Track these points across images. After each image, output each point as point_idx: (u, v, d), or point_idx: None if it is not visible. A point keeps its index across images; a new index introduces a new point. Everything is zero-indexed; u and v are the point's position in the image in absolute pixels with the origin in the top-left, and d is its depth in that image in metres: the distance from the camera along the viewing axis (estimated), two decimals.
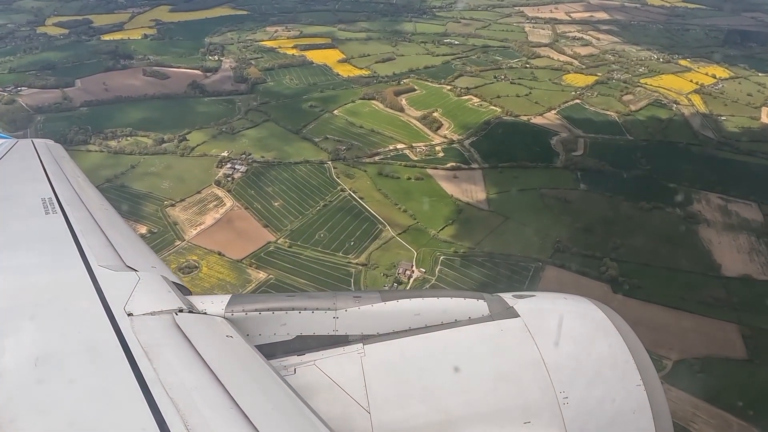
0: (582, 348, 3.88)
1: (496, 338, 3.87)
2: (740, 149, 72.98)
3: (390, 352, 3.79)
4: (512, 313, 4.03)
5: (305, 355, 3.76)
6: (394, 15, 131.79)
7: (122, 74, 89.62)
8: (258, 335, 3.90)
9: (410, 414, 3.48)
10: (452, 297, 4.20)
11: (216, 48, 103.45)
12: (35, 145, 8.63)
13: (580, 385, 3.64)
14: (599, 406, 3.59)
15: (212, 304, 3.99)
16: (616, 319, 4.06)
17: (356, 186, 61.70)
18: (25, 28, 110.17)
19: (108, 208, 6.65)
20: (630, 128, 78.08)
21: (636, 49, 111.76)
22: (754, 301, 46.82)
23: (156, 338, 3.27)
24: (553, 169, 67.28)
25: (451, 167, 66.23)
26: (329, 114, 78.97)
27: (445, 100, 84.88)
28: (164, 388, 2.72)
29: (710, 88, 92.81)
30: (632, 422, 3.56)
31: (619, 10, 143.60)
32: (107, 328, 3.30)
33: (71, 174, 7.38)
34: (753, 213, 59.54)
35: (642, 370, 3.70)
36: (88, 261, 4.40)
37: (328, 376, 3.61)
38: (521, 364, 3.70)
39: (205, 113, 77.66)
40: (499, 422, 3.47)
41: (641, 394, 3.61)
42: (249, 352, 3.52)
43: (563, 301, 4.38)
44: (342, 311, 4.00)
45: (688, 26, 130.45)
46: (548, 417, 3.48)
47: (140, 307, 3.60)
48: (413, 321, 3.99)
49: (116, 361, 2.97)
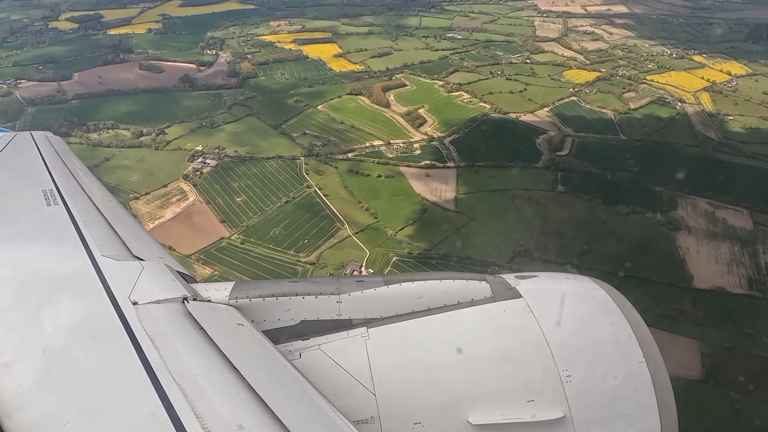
0: (584, 326, 3.89)
1: (499, 319, 3.90)
2: (742, 151, 68.08)
3: (394, 335, 3.81)
4: (514, 293, 4.04)
5: (310, 339, 3.78)
6: (401, 9, 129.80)
7: (118, 68, 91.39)
8: (262, 321, 3.92)
9: (415, 395, 3.50)
10: (454, 279, 4.20)
11: (215, 42, 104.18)
12: (34, 138, 8.58)
13: (583, 362, 3.64)
14: (601, 383, 3.58)
15: (216, 291, 4.03)
16: (618, 298, 4.06)
17: (324, 183, 60.75)
18: (39, 23, 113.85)
19: (110, 198, 6.64)
20: (625, 127, 74.11)
21: (649, 44, 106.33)
22: (721, 317, 43.53)
23: (161, 326, 3.28)
24: (533, 169, 64.45)
25: (424, 165, 64.40)
26: (313, 109, 78.20)
27: (434, 96, 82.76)
28: (171, 374, 2.72)
29: (722, 86, 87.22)
30: (634, 398, 3.55)
31: (639, 3, 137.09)
32: (113, 317, 3.31)
33: (72, 165, 7.36)
34: (742, 220, 55.39)
35: (644, 347, 3.69)
36: (91, 251, 4.38)
37: (333, 359, 3.64)
38: (524, 344, 3.70)
39: (190, 107, 78.18)
40: (503, 401, 3.49)
41: (643, 371, 3.60)
42: (256, 337, 3.53)
43: (565, 280, 4.39)
44: (345, 295, 4.02)
45: (712, 20, 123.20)
46: (551, 395, 3.49)
47: (145, 295, 3.61)
48: (416, 303, 4.00)
49: (123, 349, 2.97)
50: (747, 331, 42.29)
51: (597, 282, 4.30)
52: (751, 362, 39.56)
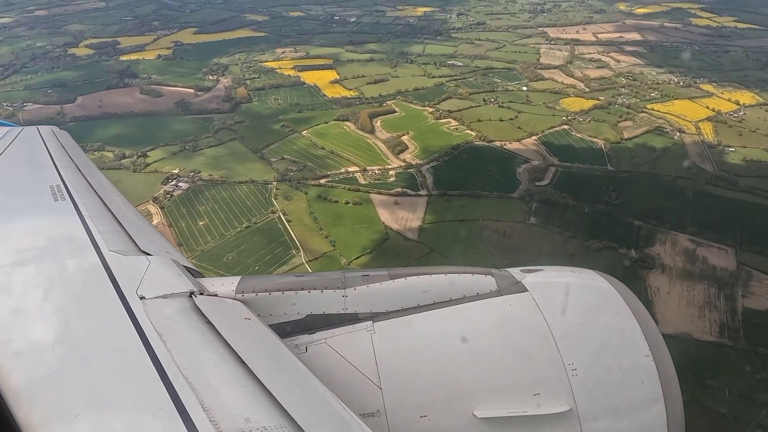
0: (589, 318, 3.91)
1: (505, 312, 3.91)
2: (737, 185, 63.87)
3: (399, 329, 3.82)
4: (520, 287, 4.04)
5: (316, 333, 3.79)
6: (408, 37, 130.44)
7: (120, 92, 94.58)
8: (269, 315, 3.94)
9: (421, 388, 3.52)
10: (460, 273, 4.20)
11: (219, 68, 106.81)
12: (41, 132, 8.73)
13: (588, 355, 3.64)
14: (607, 376, 3.58)
15: (222, 286, 4.04)
16: (623, 291, 4.07)
17: (290, 208, 60.24)
18: (59, 50, 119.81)
19: (117, 194, 6.72)
20: (614, 157, 71.00)
21: (656, 72, 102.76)
22: (683, 366, 39.60)
23: (169, 320, 3.30)
24: (508, 200, 62.19)
25: (395, 193, 63.12)
26: (297, 134, 78.43)
27: (421, 123, 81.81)
28: (179, 368, 2.75)
29: (728, 116, 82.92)
30: (640, 390, 3.55)
31: (655, 30, 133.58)
32: (120, 311, 3.34)
33: (79, 160, 7.45)
34: (725, 260, 51.45)
35: (649, 339, 3.70)
36: (98, 246, 4.43)
37: (339, 353, 3.65)
38: (530, 337, 3.71)
39: (178, 131, 79.79)
40: (509, 394, 3.50)
41: (649, 363, 3.60)
42: (262, 331, 3.55)
43: (571, 273, 4.40)
44: (351, 290, 4.04)
45: (729, 47, 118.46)
46: (557, 388, 3.49)
47: (152, 290, 3.64)
48: (422, 297, 4.01)
49: (130, 343, 3.00)
50: (708, 383, 38.53)
51: (602, 275, 4.31)
52: (706, 419, 35.84)
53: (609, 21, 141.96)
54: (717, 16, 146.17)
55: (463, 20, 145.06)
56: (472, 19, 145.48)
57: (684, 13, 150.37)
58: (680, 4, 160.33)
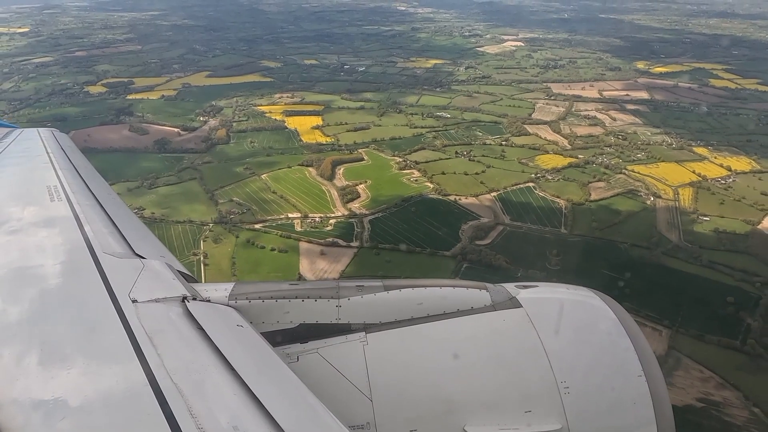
0: (583, 337, 3.88)
1: (498, 328, 3.88)
2: (699, 258, 57.84)
3: (392, 341, 3.78)
4: (514, 303, 4.03)
5: (308, 343, 3.76)
6: (407, 87, 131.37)
7: (110, 128, 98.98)
8: (261, 323, 3.89)
9: (412, 402, 3.47)
10: (455, 287, 4.17)
11: (212, 110, 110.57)
12: (40, 134, 8.95)
13: (581, 373, 3.61)
14: (599, 394, 3.56)
15: (216, 292, 4.03)
16: (617, 309, 4.05)
17: (214, 251, 59.41)
18: (77, 87, 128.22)
19: (114, 197, 6.74)
20: (571, 220, 66.55)
21: (650, 132, 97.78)
22: None
23: (160, 324, 3.28)
24: (439, 258, 58.87)
25: (325, 242, 61.18)
26: (256, 177, 78.62)
27: (384, 173, 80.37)
28: (168, 373, 2.73)
29: (713, 182, 76.79)
30: (632, 410, 3.52)
31: (667, 90, 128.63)
32: (112, 314, 3.32)
33: (77, 163, 7.54)
34: (656, 342, 45.60)
35: (642, 359, 3.66)
36: (93, 248, 4.45)
37: (331, 364, 3.61)
38: (523, 354, 3.68)
39: (145, 168, 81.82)
40: (500, 410, 3.45)
41: (642, 384, 3.56)
42: (254, 339, 3.50)
43: (565, 291, 4.42)
44: (345, 300, 4.00)
45: (741, 110, 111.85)
46: (548, 405, 3.45)
47: (144, 293, 3.63)
48: (416, 310, 3.97)
49: (121, 346, 2.97)
50: None
51: (597, 293, 4.36)
52: None
53: (620, 79, 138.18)
54: (740, 78, 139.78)
55: (469, 73, 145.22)
56: (480, 72, 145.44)
57: (705, 74, 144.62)
58: (704, 64, 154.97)
